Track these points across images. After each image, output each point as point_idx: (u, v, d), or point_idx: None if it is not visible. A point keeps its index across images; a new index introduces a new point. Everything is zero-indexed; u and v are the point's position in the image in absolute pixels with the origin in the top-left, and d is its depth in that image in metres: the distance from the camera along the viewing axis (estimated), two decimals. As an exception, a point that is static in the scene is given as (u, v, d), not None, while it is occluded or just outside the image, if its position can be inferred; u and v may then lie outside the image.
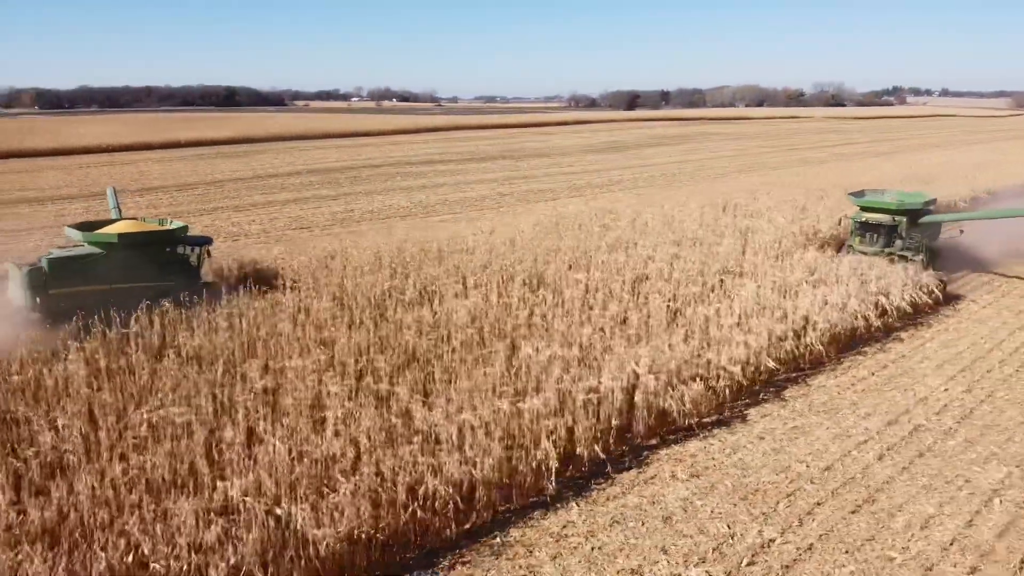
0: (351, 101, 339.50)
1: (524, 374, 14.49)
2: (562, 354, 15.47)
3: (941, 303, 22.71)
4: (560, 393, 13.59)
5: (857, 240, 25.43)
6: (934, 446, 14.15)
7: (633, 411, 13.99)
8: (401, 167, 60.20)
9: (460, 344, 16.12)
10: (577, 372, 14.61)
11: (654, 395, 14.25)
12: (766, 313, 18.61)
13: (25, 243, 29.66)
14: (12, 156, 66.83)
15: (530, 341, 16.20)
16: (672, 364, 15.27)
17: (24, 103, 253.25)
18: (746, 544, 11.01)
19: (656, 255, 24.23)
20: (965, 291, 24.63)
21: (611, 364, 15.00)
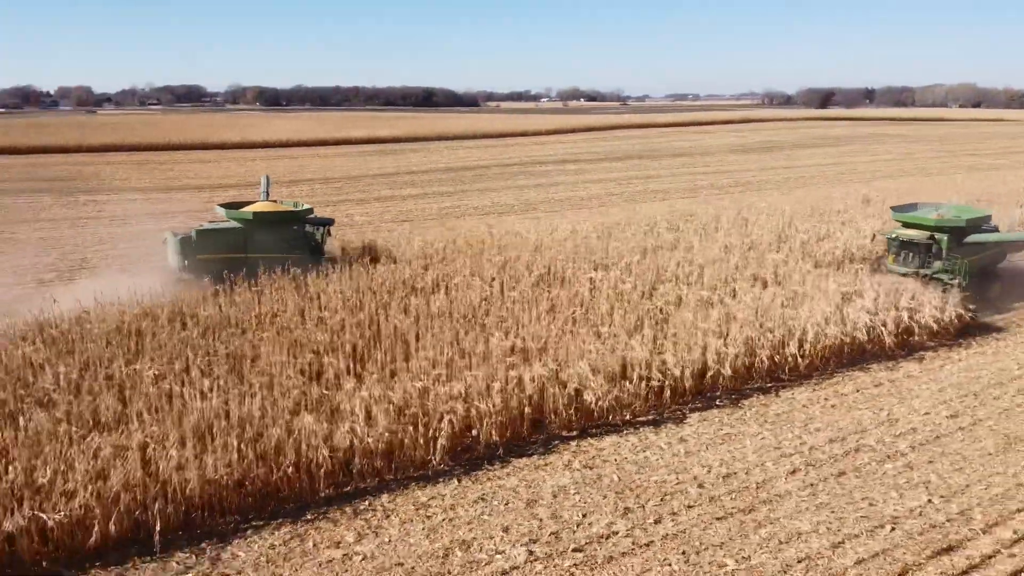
0: (540, 101, 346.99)
1: (467, 360, 15.50)
2: (520, 345, 16.30)
3: (969, 330, 20.72)
4: (484, 379, 14.46)
5: (891, 259, 23.33)
6: (863, 468, 13.45)
7: (552, 402, 14.54)
8: (531, 166, 61.92)
9: (433, 330, 17.36)
10: (513, 361, 15.39)
11: (580, 388, 14.72)
12: (756, 322, 18.13)
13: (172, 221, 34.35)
14: (201, 148, 76.23)
15: (498, 332, 17.16)
16: (617, 362, 15.59)
17: (247, 100, 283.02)
18: (588, 533, 11.40)
19: (697, 258, 24.04)
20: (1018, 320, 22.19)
21: (554, 357, 15.61)
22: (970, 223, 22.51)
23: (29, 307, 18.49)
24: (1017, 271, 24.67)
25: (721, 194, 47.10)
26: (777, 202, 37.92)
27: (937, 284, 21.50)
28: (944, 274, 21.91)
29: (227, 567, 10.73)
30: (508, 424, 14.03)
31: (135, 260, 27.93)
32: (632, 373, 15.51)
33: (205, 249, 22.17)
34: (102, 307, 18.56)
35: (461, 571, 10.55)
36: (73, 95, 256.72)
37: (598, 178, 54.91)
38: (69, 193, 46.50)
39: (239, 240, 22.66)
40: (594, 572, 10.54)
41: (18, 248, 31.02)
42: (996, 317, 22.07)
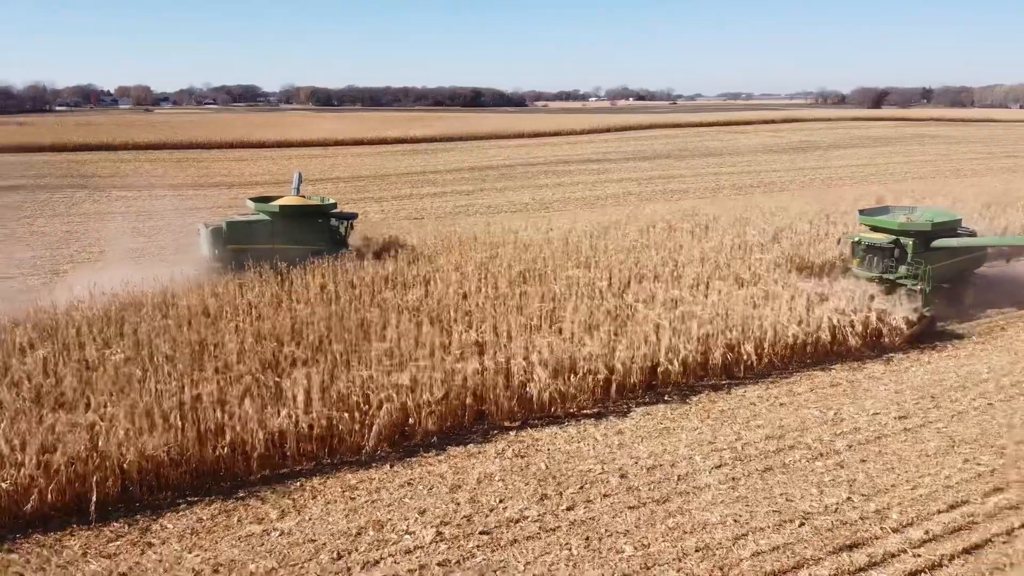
0: (589, 101, 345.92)
1: (422, 352, 16.01)
2: (478, 339, 16.76)
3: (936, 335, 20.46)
4: (429, 371, 14.95)
5: (856, 262, 22.75)
6: (792, 464, 13.55)
7: (494, 393, 14.95)
8: (556, 165, 62.16)
9: (402, 323, 17.90)
10: (464, 354, 15.85)
11: (524, 381, 15.11)
12: (718, 320, 18.22)
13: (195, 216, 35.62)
14: (241, 147, 78.21)
15: (461, 326, 17.65)
16: (567, 356, 15.93)
17: (300, 99, 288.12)
18: (499, 517, 11.81)
19: (681, 257, 24.15)
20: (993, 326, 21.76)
21: (507, 352, 16.02)
22: (936, 227, 21.70)
23: (36, 296, 19.66)
24: (1001, 277, 24.11)
25: (740, 194, 46.74)
26: (789, 203, 37.53)
27: (901, 289, 21.04)
28: (908, 279, 21.34)
29: (155, 537, 11.45)
30: (449, 414, 14.50)
31: (155, 251, 29.39)
32: (580, 368, 15.81)
33: (235, 239, 23.74)
34: (93, 296, 19.57)
35: (367, 548, 11.06)
36: (132, 94, 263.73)
37: (619, 177, 54.93)
38: (103, 189, 48.49)
39: (266, 231, 24.11)
40: (494, 554, 10.94)
41: (43, 240, 32.62)
42: (971, 323, 21.65)
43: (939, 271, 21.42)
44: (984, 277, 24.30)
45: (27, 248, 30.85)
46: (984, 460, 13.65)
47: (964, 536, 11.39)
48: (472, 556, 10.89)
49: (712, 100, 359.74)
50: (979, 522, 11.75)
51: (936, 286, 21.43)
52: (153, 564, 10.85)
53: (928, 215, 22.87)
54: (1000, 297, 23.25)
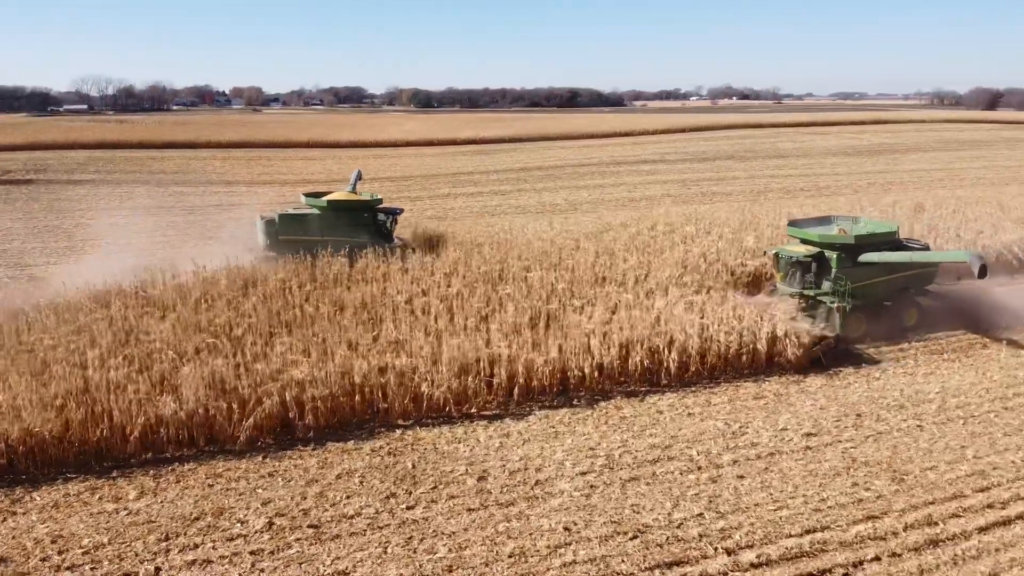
0: (689, 100, 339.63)
1: (322, 347, 16.40)
2: (396, 338, 17.00)
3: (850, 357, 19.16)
4: (322, 367, 15.28)
5: (780, 277, 21.25)
6: (662, 475, 13.10)
7: (381, 391, 15.11)
8: (609, 166, 61.35)
9: (337, 320, 18.35)
10: (374, 352, 16.13)
11: (420, 381, 15.23)
12: (647, 326, 17.72)
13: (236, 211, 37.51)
14: (317, 146, 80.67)
15: (390, 324, 17.94)
16: (474, 357, 15.95)
17: (402, 101, 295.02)
18: (336, 513, 11.97)
19: (655, 261, 23.60)
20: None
21: (414, 351, 16.18)
22: (863, 240, 19.91)
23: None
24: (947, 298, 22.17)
25: (786, 198, 44.89)
26: (824, 208, 35.76)
27: (822, 307, 19.83)
28: (828, 296, 19.86)
29: (21, 507, 12.26)
30: (336, 410, 14.75)
31: (178, 243, 30.94)
32: (482, 369, 15.78)
33: (286, 231, 25.42)
34: (65, 288, 20.83)
35: (195, 533, 11.47)
36: (245, 95, 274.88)
37: (666, 179, 53.76)
38: (163, 184, 51.38)
39: (316, 224, 25.71)
40: (311, 547, 11.13)
41: (80, 231, 34.90)
42: (922, 342, 20.07)
43: (873, 288, 19.89)
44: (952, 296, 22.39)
45: (52, 239, 33.10)
46: (876, 485, 12.78)
47: (801, 564, 10.77)
48: (288, 548, 11.11)
49: (822, 100, 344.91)
50: (828, 551, 11.06)
51: (875, 304, 20.12)
52: (7, 531, 11.60)
53: (870, 227, 21.13)
54: (950, 321, 21.15)
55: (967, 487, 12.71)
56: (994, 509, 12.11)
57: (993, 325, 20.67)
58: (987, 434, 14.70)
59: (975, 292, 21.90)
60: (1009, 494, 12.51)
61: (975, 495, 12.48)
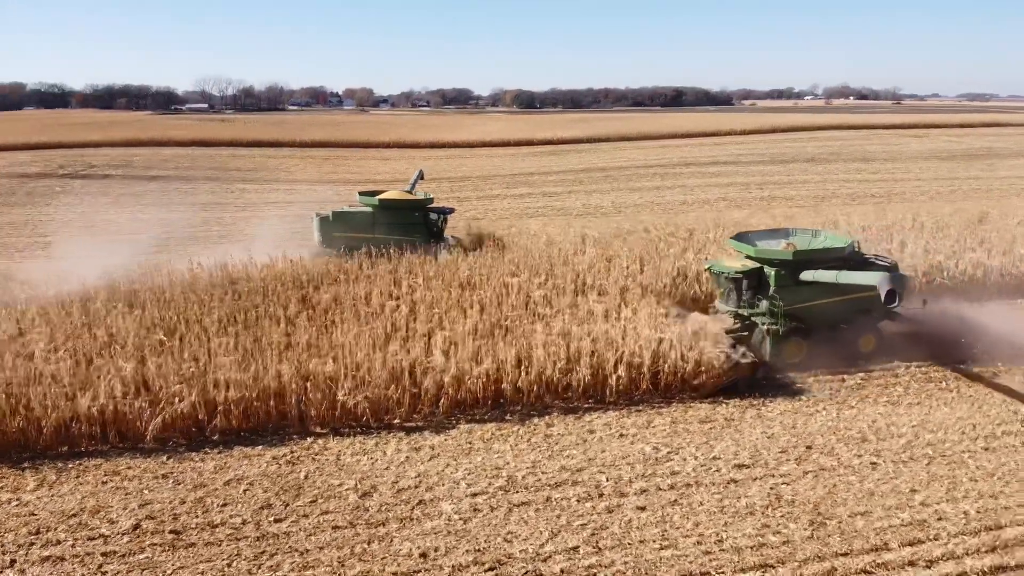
0: (803, 100, 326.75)
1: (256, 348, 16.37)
2: (341, 342, 16.78)
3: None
4: (241, 370, 15.19)
5: (720, 294, 19.37)
6: (558, 502, 12.19)
7: (294, 397, 14.87)
8: (673, 167, 59.45)
9: (289, 321, 18.33)
10: (310, 353, 15.95)
11: (335, 389, 14.90)
12: (601, 340, 16.74)
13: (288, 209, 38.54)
14: (397, 146, 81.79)
15: (342, 326, 17.75)
16: (402, 365, 15.51)
17: (506, 102, 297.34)
18: (203, 520, 11.73)
19: (648, 269, 22.47)
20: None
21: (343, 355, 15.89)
22: (803, 255, 17.67)
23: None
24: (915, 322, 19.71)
25: (851, 204, 42.11)
26: (874, 215, 33.18)
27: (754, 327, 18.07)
28: (763, 316, 18.06)
29: (-75, 494, 12.66)
30: (250, 413, 14.60)
31: (216, 239, 31.93)
32: (416, 379, 15.32)
33: (339, 228, 26.30)
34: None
35: (64, 529, 11.51)
36: (356, 96, 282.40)
37: (731, 182, 51.49)
38: (230, 182, 53.45)
39: (367, 222, 26.47)
40: (163, 555, 10.95)
41: (138, 226, 36.60)
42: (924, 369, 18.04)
43: (823, 310, 17.83)
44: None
45: (112, 232, 34.78)
46: (788, 529, 11.47)
47: (657, 611, 9.71)
48: (140, 552, 10.97)
49: (948, 101, 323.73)
50: (693, 597, 9.94)
51: (829, 327, 18.11)
52: (-98, 518, 12.03)
53: (827, 241, 18.97)
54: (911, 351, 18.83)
55: (895, 539, 11.18)
56: (915, 567, 10.60)
57: (988, 354, 18.40)
58: (950, 478, 12.98)
59: (963, 317, 19.79)
60: (941, 551, 10.93)
61: (900, 549, 10.97)
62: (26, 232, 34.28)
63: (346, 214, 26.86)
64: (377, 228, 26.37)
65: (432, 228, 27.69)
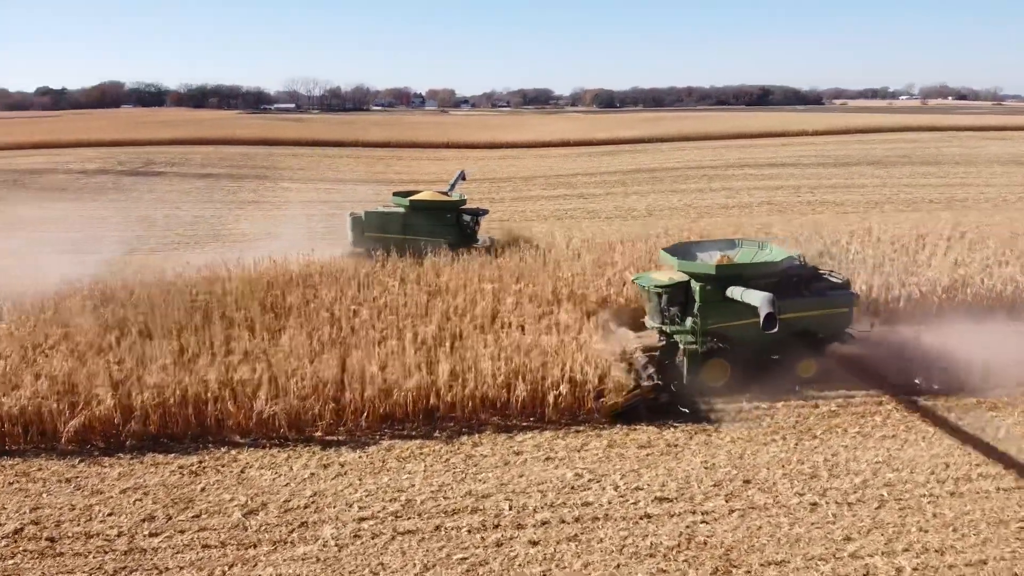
0: (898, 99, 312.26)
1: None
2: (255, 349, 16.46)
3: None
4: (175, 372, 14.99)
5: (648, 308, 17.72)
6: (444, 532, 11.34)
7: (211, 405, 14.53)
8: (730, 169, 57.21)
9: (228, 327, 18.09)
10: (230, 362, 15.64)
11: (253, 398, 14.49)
12: (545, 355, 15.79)
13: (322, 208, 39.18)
14: (455, 147, 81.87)
15: (288, 332, 17.40)
16: (331, 374, 15.00)
17: (585, 101, 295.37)
18: (77, 530, 11.41)
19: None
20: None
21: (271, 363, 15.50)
22: (725, 271, 16.01)
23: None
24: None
25: (906, 209, 39.36)
26: (925, 224, 30.80)
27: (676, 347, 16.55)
28: (683, 334, 16.47)
29: None
30: (168, 419, 14.33)
31: (236, 238, 32.36)
32: (331, 390, 14.78)
33: (371, 228, 26.43)
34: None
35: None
36: (438, 97, 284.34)
37: (782, 184, 49.02)
38: (276, 180, 54.38)
39: (399, 223, 26.44)
40: (30, 562, 10.73)
41: (168, 223, 37.51)
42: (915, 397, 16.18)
43: (753, 329, 15.71)
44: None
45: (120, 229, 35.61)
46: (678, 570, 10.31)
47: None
48: (11, 558, 10.78)
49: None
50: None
51: (767, 348, 16.40)
52: None
53: (772, 255, 17.18)
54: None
55: (804, 595, 9.90)
56: (814, 631, 9.32)
57: (992, 384, 16.48)
58: (897, 525, 11.48)
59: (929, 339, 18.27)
60: (852, 613, 9.59)
61: (805, 608, 9.69)
62: (58, 227, 35.51)
63: (378, 214, 26.76)
64: (409, 229, 26.24)
65: (465, 229, 27.41)
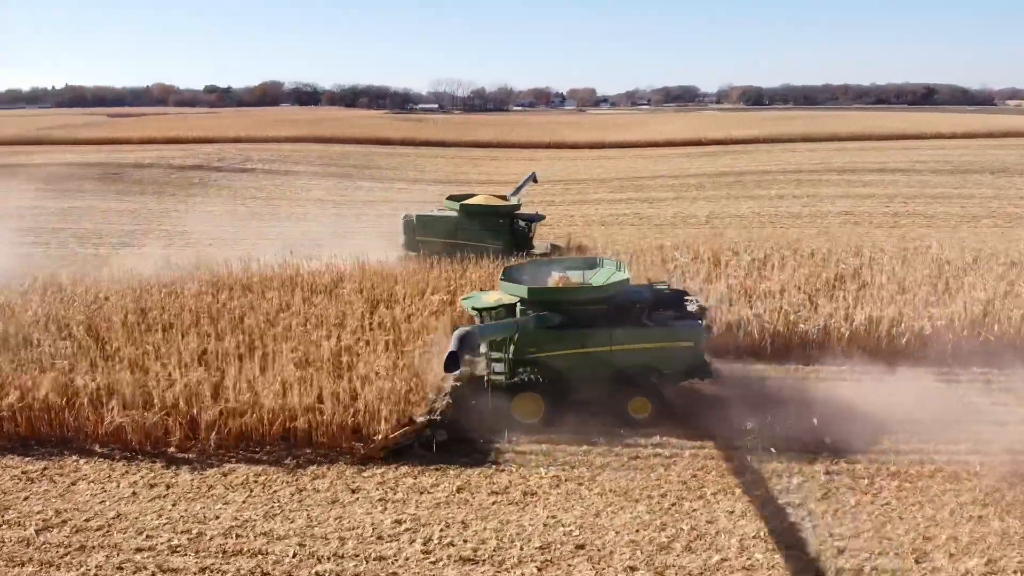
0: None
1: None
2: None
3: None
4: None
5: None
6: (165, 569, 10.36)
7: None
8: (825, 174, 52.69)
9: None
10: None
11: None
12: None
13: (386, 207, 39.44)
14: (556, 147, 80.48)
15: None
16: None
17: (731, 99, 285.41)
18: None
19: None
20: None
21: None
22: (538, 295, 14.27)
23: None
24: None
25: (1005, 226, 34.40)
26: (976, 240, 26.63)
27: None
28: (496, 363, 14.71)
29: None
30: (36, 423, 14.23)
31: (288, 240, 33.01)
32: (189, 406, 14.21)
33: (423, 232, 26.06)
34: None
35: None
36: (579, 96, 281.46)
37: (877, 192, 44.30)
38: (356, 179, 55.30)
39: (451, 227, 25.89)
40: None
41: (222, 219, 38.77)
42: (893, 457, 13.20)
43: (583, 361, 14.15)
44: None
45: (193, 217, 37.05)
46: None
47: None
48: None
49: None
50: None
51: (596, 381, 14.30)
52: None
53: (609, 275, 15.16)
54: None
55: None
56: None
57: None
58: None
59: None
60: None
61: None
62: (111, 220, 37.64)
63: (430, 218, 26.29)
64: (459, 234, 25.52)
65: (518, 236, 26.57)
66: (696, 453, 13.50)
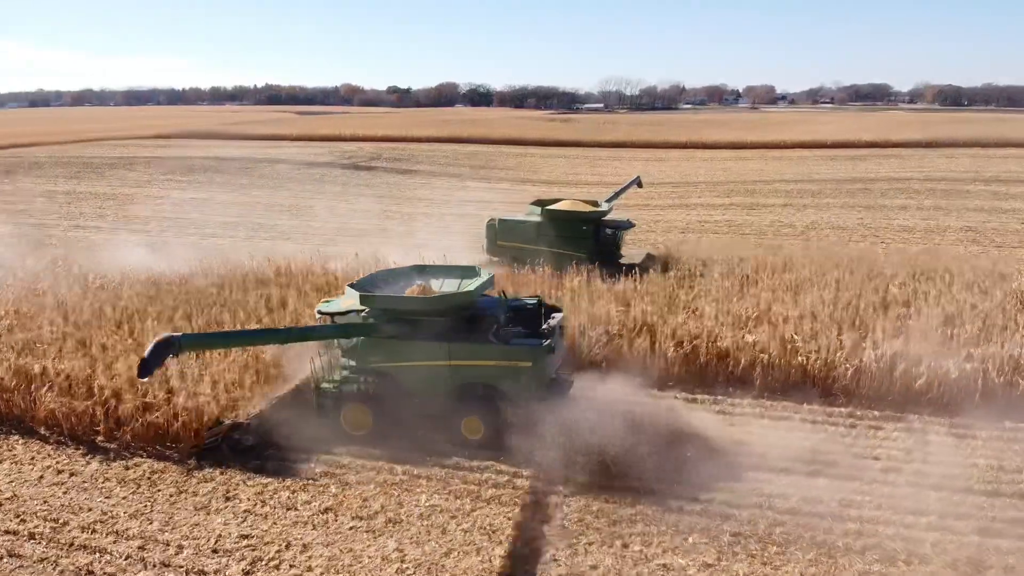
0: None
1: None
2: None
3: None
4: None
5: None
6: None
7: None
8: (954, 183, 46.90)
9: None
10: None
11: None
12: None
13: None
14: (692, 147, 77.28)
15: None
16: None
17: (926, 99, 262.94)
18: None
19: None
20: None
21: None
22: (370, 304, 13.56)
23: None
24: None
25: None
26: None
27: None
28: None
29: None
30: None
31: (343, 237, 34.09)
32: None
33: (504, 237, 25.45)
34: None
35: None
36: (754, 93, 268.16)
37: (1013, 207, 38.72)
38: (462, 179, 55.81)
39: (532, 233, 24.99)
40: None
41: (315, 212, 40.36)
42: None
43: (411, 374, 13.61)
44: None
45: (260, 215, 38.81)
46: None
47: None
48: None
49: None
50: None
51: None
52: None
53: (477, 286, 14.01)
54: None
55: None
56: None
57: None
58: None
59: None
60: None
61: None
62: (208, 211, 40.40)
63: (512, 223, 25.46)
64: (541, 240, 24.45)
65: (605, 243, 25.10)
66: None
